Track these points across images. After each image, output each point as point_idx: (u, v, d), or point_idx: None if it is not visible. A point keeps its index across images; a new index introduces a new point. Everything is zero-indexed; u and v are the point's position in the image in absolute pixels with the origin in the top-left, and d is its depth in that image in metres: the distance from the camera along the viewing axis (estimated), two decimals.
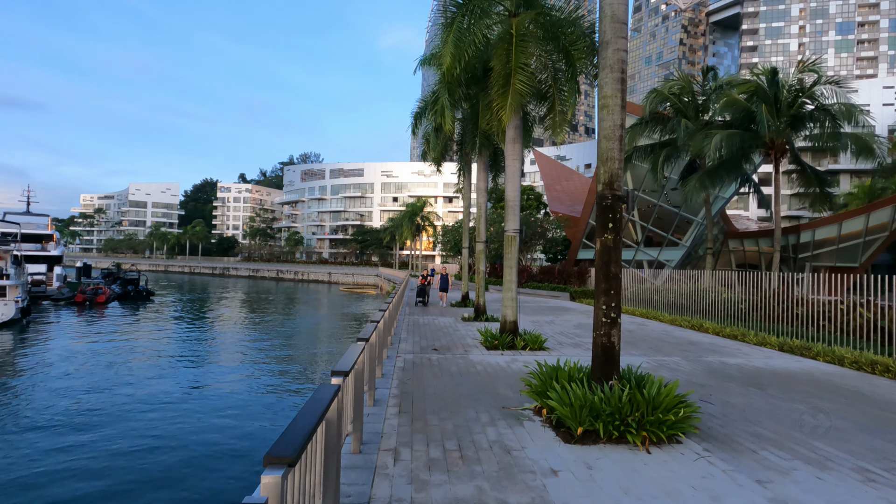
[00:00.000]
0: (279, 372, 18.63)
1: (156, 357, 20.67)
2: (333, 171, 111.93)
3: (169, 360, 19.93)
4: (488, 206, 69.69)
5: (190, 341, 25.24)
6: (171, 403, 14.04)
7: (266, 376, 17.84)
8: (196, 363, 19.95)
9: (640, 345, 10.70)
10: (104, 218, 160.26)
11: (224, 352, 22.76)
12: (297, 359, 21.28)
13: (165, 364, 19.27)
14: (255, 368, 19.07)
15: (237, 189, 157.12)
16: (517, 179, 9.57)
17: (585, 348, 9.89)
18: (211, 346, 24.29)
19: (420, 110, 17.58)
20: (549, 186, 50.37)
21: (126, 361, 19.58)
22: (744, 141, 15.73)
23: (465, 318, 15.00)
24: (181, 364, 19.42)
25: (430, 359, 8.67)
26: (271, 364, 19.88)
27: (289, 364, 20.00)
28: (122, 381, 16.49)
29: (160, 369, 18.38)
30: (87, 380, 16.47)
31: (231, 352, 22.66)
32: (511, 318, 10.17)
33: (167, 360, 19.91)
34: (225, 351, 22.95)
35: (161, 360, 19.92)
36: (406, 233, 54.84)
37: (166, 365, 19.13)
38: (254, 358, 21.11)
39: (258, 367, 19.17)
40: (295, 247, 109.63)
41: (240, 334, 28.15)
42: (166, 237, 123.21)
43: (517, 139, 9.73)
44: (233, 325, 32.15)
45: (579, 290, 23.72)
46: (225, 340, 25.95)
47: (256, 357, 21.33)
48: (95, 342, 23.61)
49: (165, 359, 20.27)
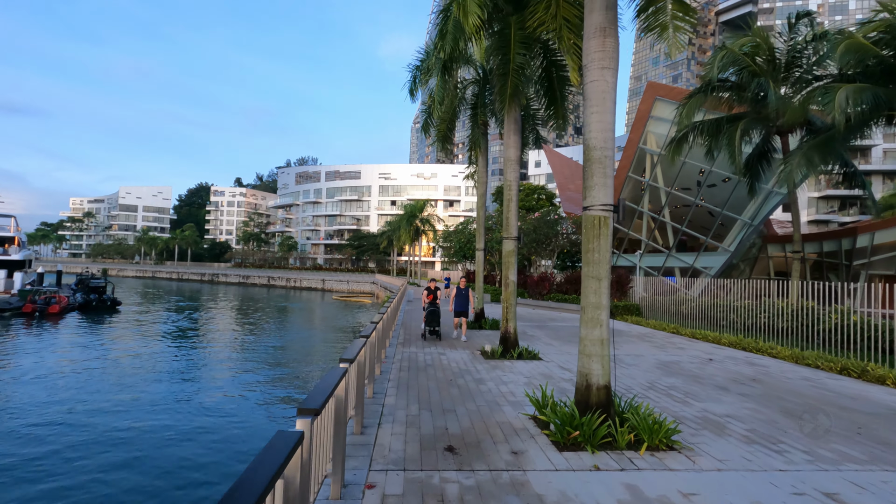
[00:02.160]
0: (223, 415, 13.75)
1: (79, 386, 15.75)
2: (329, 174, 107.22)
3: (97, 391, 15.02)
4: (489, 208, 64.20)
5: (141, 368, 20.32)
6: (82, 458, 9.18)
7: (208, 417, 12.98)
8: (135, 394, 15.06)
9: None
10: (94, 222, 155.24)
11: (177, 380, 17.89)
12: (252, 398, 16.41)
13: (92, 394, 14.38)
14: (202, 403, 14.19)
15: (231, 193, 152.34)
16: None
17: (746, 440, 5.13)
18: (163, 372, 19.40)
19: (421, 62, 12.88)
20: (563, 186, 45.67)
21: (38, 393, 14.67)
22: (877, 98, 11.01)
23: (487, 354, 10.13)
24: (117, 396, 14.53)
25: (442, 492, 3.86)
26: (218, 404, 14.98)
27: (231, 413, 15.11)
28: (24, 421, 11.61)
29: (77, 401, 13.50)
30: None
31: (187, 377, 17.79)
32: (600, 379, 5.21)
33: (95, 390, 15.01)
34: (178, 379, 18.08)
35: (87, 389, 15.01)
36: (404, 236, 49.94)
37: (92, 396, 14.23)
38: (204, 389, 16.22)
39: (205, 403, 14.29)
40: (288, 252, 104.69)
41: (201, 355, 23.23)
42: (154, 242, 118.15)
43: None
44: (197, 342, 27.23)
45: (621, 305, 18.84)
46: (182, 365, 21.05)
47: (207, 389, 16.44)
48: (13, 365, 18.68)
49: (93, 388, 15.36)
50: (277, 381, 18.21)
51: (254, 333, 30.52)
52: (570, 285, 22.54)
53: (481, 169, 14.48)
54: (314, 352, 24.57)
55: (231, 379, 18.25)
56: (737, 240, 28.51)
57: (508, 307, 10.39)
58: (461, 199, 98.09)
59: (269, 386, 17.26)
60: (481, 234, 14.57)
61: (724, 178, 29.92)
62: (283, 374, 19.41)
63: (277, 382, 17.93)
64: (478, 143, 15.04)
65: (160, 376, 18.37)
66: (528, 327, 16.40)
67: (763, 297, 13.64)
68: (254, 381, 17.73)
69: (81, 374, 18.26)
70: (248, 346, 26.06)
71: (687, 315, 17.02)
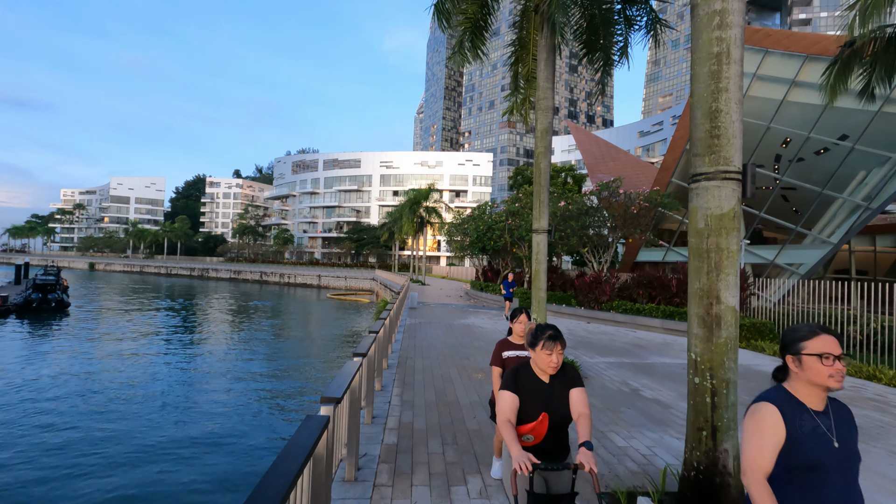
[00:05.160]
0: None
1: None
2: (327, 162, 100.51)
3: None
4: (502, 196, 53.19)
5: (56, 395, 13.84)
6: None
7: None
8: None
9: None
10: (85, 214, 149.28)
11: (96, 415, 11.48)
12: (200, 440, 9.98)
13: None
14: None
15: (227, 184, 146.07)
16: None
17: None
18: (85, 400, 12.94)
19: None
20: (593, 168, 38.89)
21: None
22: None
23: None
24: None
25: None
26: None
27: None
28: None
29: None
30: None
31: (109, 410, 11.37)
32: None
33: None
34: (97, 413, 11.66)
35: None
36: (406, 226, 43.22)
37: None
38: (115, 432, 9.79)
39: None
40: (284, 246, 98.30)
41: (141, 376, 16.70)
42: (143, 235, 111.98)
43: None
44: (144, 357, 20.67)
45: (747, 324, 12.13)
46: (109, 393, 14.55)
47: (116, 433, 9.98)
48: None
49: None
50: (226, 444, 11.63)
51: (218, 344, 24.01)
52: (643, 288, 15.77)
53: (543, 82, 7.79)
54: (286, 388, 17.98)
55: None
56: (842, 228, 21.69)
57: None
58: (468, 190, 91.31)
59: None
60: (544, 202, 7.92)
61: (821, 148, 23.12)
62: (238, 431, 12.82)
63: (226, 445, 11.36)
64: (528, 41, 8.47)
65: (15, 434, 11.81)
66: (612, 367, 9.87)
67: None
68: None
69: None
70: (198, 366, 19.50)
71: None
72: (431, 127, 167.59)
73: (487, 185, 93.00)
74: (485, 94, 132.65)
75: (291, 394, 15.64)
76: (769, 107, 23.10)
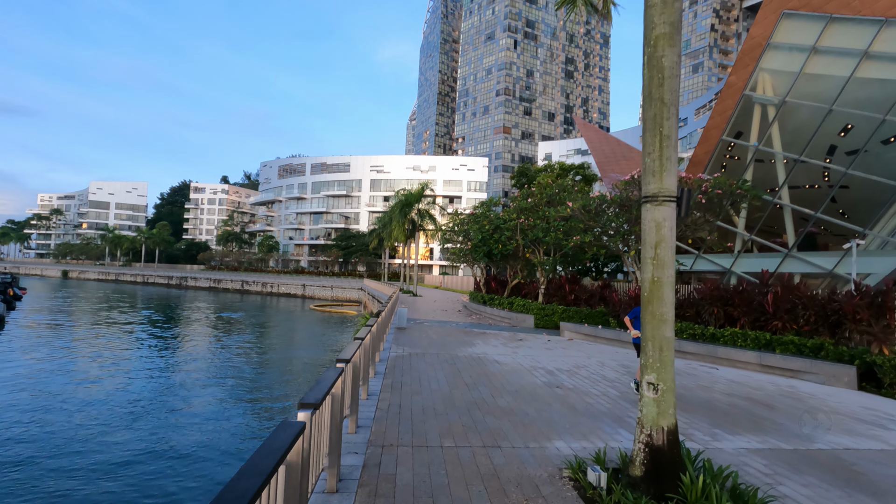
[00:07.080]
0: None
1: None
2: (315, 167, 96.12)
3: None
4: (501, 194, 48.12)
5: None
6: None
7: None
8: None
9: None
10: (62, 220, 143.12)
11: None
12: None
13: None
14: None
15: (212, 190, 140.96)
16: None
17: None
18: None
19: None
20: (603, 165, 35.05)
21: None
22: None
23: None
24: None
25: None
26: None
27: None
28: None
29: None
30: None
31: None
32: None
33: None
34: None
35: None
36: (397, 231, 38.91)
37: None
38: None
39: None
40: (269, 253, 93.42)
41: (64, 410, 12.22)
42: (120, 241, 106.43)
43: None
44: (76, 386, 16.09)
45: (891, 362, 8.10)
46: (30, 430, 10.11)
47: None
48: None
49: None
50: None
51: (179, 368, 19.51)
52: (717, 307, 11.36)
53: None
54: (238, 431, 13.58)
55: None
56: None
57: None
58: (463, 196, 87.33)
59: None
60: (670, 138, 3.80)
61: (893, 136, 19.32)
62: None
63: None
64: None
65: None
66: (765, 463, 5.73)
67: None
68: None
69: None
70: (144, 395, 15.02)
71: None
72: (424, 133, 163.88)
73: (483, 191, 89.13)
74: (479, 98, 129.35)
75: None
76: (832, 86, 19.31)
